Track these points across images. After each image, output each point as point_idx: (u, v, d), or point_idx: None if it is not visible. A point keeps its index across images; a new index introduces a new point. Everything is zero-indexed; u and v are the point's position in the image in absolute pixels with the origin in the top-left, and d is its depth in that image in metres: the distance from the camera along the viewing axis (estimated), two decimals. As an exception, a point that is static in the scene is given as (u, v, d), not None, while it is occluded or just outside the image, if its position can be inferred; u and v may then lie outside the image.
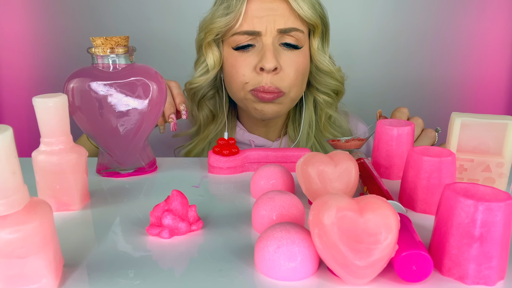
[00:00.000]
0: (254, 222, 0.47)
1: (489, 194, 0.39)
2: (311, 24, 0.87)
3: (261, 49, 0.84)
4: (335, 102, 0.98)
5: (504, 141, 0.54)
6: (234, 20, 0.83)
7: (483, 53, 1.47)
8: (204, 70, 0.91)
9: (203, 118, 0.96)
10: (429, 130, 0.77)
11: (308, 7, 0.84)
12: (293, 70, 0.86)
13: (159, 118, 0.71)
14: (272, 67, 0.82)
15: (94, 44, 0.59)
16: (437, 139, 0.78)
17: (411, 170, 0.51)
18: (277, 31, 0.83)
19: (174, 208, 0.46)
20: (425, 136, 0.76)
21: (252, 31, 0.83)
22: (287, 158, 0.67)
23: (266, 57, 0.82)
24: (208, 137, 0.95)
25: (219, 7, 0.86)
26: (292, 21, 0.84)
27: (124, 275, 0.39)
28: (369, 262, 0.34)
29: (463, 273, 0.37)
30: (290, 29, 0.84)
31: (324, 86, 0.94)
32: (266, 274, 0.38)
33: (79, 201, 0.53)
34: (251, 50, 0.85)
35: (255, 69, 0.84)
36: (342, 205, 0.35)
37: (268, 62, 0.82)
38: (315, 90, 0.96)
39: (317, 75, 0.93)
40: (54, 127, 0.49)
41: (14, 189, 0.34)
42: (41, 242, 0.35)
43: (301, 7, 0.83)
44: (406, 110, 0.78)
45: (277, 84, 0.84)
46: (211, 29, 0.86)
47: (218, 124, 0.96)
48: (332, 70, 0.92)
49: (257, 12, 0.83)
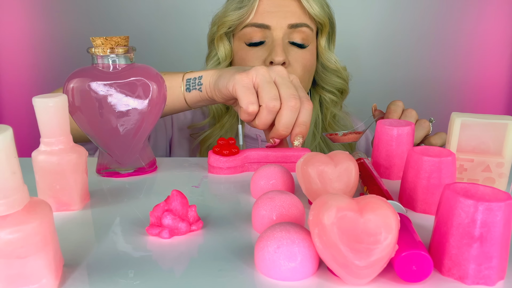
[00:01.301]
0: (254, 222, 0.47)
1: (489, 194, 0.39)
2: (320, 23, 0.91)
3: (271, 44, 0.88)
4: (340, 101, 1.01)
5: (504, 141, 0.54)
6: (247, 14, 0.88)
7: (483, 53, 1.47)
8: (216, 63, 0.94)
9: (216, 108, 0.98)
10: (423, 120, 0.78)
11: (318, 6, 0.88)
12: (301, 66, 0.89)
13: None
14: (282, 60, 0.85)
15: (94, 44, 0.59)
16: (431, 129, 0.78)
17: (411, 170, 0.51)
18: (287, 26, 0.87)
19: (174, 208, 0.45)
20: (419, 127, 0.77)
21: (262, 24, 0.87)
22: (287, 158, 0.67)
23: (276, 51, 0.86)
24: (225, 126, 0.97)
25: (232, 2, 0.91)
26: (302, 17, 0.88)
27: (124, 275, 0.39)
28: (369, 262, 0.34)
29: (463, 273, 0.37)
30: (301, 24, 0.88)
31: (330, 84, 0.97)
32: (266, 274, 0.38)
33: (79, 201, 0.53)
34: (261, 46, 0.89)
35: (265, 63, 0.87)
36: (342, 205, 0.35)
37: (278, 55, 0.85)
38: (320, 89, 0.99)
39: (323, 73, 0.96)
40: (54, 127, 0.49)
41: (14, 189, 0.33)
42: (41, 242, 0.34)
43: (311, 5, 0.88)
44: (401, 103, 0.78)
45: None
46: (224, 22, 0.90)
47: (232, 116, 0.98)
48: (339, 68, 0.95)
49: (268, 7, 0.87)
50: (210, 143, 0.97)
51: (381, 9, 1.46)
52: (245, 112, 0.64)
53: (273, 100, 0.62)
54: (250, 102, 0.63)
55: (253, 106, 0.63)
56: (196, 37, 1.06)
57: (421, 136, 0.77)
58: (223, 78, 0.67)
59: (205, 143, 0.98)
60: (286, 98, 0.63)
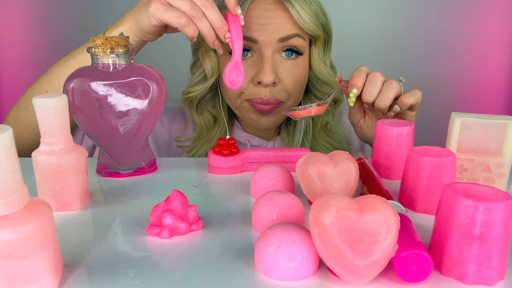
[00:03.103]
0: (254, 222, 0.47)
1: (489, 194, 0.39)
2: (312, 36, 0.85)
3: (260, 61, 0.82)
4: (333, 110, 0.96)
5: (504, 141, 0.54)
6: None
7: (483, 53, 1.47)
8: (202, 77, 0.89)
9: (204, 122, 0.93)
10: (390, 81, 0.72)
11: (311, 17, 0.81)
12: (292, 81, 0.84)
13: (215, 41, 0.69)
14: (271, 82, 0.80)
15: (94, 44, 0.59)
16: (402, 89, 0.73)
17: (411, 170, 0.51)
18: (277, 40, 0.80)
19: (174, 208, 0.45)
20: (386, 88, 0.71)
21: (248, 37, 0.80)
22: (287, 158, 0.67)
23: (264, 71, 0.80)
24: (213, 139, 0.93)
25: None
26: (294, 28, 0.81)
27: (124, 275, 0.39)
28: (369, 262, 0.34)
29: (463, 273, 0.37)
30: (292, 35, 0.81)
31: (322, 94, 0.91)
32: (266, 274, 0.38)
33: (79, 201, 0.53)
34: (248, 59, 0.83)
35: (252, 81, 0.82)
36: (342, 205, 0.35)
37: (266, 77, 0.80)
38: (313, 97, 0.94)
39: (316, 83, 0.91)
40: (54, 127, 0.49)
41: (14, 189, 0.33)
42: (41, 242, 0.34)
43: (302, 18, 0.80)
44: (365, 68, 0.74)
45: (275, 96, 0.83)
46: None
47: (221, 126, 0.94)
48: (330, 81, 0.89)
49: (256, 20, 0.80)
50: (200, 156, 0.93)
51: (382, 11, 1.45)
52: (183, 26, 0.67)
53: (192, 7, 0.66)
54: (177, 16, 0.66)
55: (182, 18, 0.66)
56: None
57: (390, 98, 0.71)
58: (141, 19, 0.70)
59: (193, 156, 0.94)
60: (200, 2, 0.67)
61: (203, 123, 0.93)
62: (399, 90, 0.72)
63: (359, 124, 0.81)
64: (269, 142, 0.96)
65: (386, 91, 0.71)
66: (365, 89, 0.71)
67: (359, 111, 0.80)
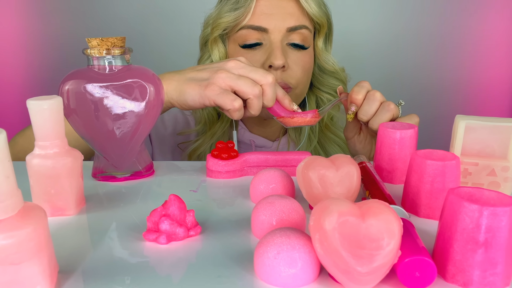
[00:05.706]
0: (253, 227, 0.46)
1: (494, 199, 0.38)
2: (317, 23, 0.88)
3: (269, 47, 0.85)
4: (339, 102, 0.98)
5: (509, 144, 0.53)
6: (243, 15, 0.84)
7: (487, 55, 1.48)
8: None
9: (208, 115, 0.95)
10: (388, 103, 0.72)
11: (316, 5, 0.86)
12: (300, 69, 0.87)
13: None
14: (281, 64, 0.83)
15: (90, 45, 0.59)
16: (400, 112, 0.73)
17: (414, 174, 0.51)
18: (286, 29, 0.84)
19: (172, 213, 0.45)
20: (382, 110, 0.71)
21: (259, 26, 0.84)
22: (287, 162, 0.66)
23: (275, 54, 0.83)
24: (216, 135, 0.95)
25: (227, 2, 0.87)
26: (301, 19, 0.86)
27: (121, 281, 0.38)
28: (371, 268, 0.34)
29: (468, 279, 0.37)
30: (300, 27, 0.85)
31: (327, 87, 0.95)
32: (265, 280, 0.38)
33: (74, 206, 0.52)
34: (258, 48, 0.86)
35: (263, 66, 0.85)
36: (343, 210, 0.35)
37: (277, 59, 0.83)
38: (317, 90, 0.97)
39: (320, 76, 0.95)
40: (48, 130, 0.48)
41: (8, 194, 0.33)
42: (35, 248, 0.34)
43: (309, 5, 0.85)
44: (366, 84, 0.74)
45: (285, 80, 0.86)
46: (219, 23, 0.87)
47: (224, 122, 0.96)
48: (337, 69, 0.93)
49: (266, 9, 0.84)
50: (201, 152, 0.95)
51: (383, 9, 1.46)
52: (234, 111, 0.67)
53: (253, 87, 0.67)
54: (232, 100, 0.66)
55: (236, 101, 0.66)
56: (193, 38, 1.05)
57: (385, 120, 0.71)
58: (188, 94, 0.69)
59: (195, 152, 0.95)
60: (261, 79, 0.68)
61: (206, 116, 0.95)
62: (396, 113, 0.72)
63: (353, 139, 0.82)
64: (273, 142, 0.97)
65: (382, 113, 0.71)
66: (362, 107, 0.73)
67: (356, 126, 0.81)
